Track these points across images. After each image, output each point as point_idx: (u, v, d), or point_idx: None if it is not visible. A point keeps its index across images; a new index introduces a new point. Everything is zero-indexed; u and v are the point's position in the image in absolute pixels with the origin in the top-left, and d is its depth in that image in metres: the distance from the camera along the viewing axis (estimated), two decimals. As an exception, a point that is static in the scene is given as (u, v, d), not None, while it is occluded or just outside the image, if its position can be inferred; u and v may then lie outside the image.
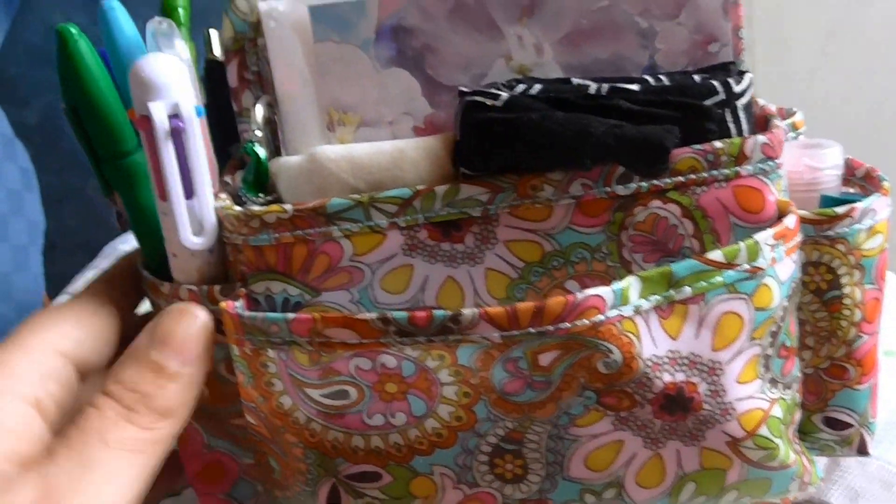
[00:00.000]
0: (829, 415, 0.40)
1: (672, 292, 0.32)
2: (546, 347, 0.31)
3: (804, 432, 0.40)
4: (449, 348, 0.32)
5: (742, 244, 0.32)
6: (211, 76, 0.41)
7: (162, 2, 0.46)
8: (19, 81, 1.01)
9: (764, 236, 0.33)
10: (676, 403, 0.33)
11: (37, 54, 1.00)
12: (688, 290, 0.32)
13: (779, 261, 0.33)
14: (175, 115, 0.30)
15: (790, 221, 0.33)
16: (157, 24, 0.35)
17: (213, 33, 0.44)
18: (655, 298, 0.32)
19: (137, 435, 0.29)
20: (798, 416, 0.37)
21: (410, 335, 0.32)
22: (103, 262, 0.84)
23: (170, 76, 0.30)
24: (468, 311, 0.31)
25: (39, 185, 0.89)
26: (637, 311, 0.31)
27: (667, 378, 0.32)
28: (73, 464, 0.28)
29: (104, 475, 0.28)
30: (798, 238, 0.34)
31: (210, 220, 0.34)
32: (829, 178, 0.41)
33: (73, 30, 0.31)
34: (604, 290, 0.31)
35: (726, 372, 0.33)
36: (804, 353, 0.38)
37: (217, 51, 0.44)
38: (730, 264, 0.32)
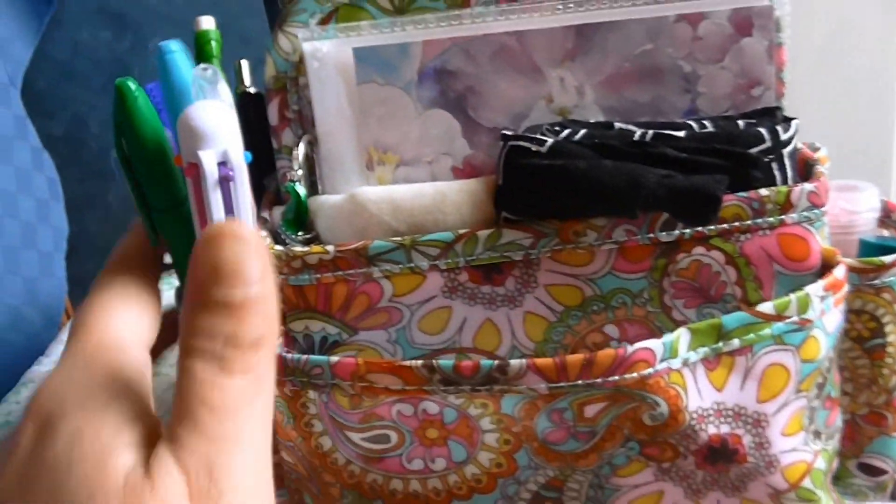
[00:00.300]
0: (864, 461, 0.40)
1: (721, 344, 0.32)
2: (593, 399, 0.31)
3: (837, 477, 0.40)
4: (493, 397, 0.31)
5: (793, 296, 0.32)
6: (243, 108, 0.41)
7: (195, 35, 0.46)
8: (47, 95, 1.02)
9: (815, 288, 0.32)
10: (720, 455, 0.32)
11: (63, 69, 1.01)
12: (736, 343, 0.32)
13: (827, 312, 0.33)
14: (223, 163, 0.30)
15: (840, 273, 0.33)
16: (201, 70, 0.35)
17: (245, 64, 0.44)
18: (704, 350, 0.32)
19: (245, 383, 0.27)
20: (836, 464, 0.37)
21: (455, 384, 0.32)
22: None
23: (219, 124, 0.30)
24: (515, 363, 0.31)
25: (63, 194, 0.90)
26: (685, 363, 0.31)
27: (711, 430, 0.32)
28: (208, 441, 0.26)
29: (242, 442, 0.26)
30: (846, 289, 0.34)
31: None
32: (866, 221, 0.40)
33: (132, 84, 0.31)
34: (654, 343, 0.30)
35: (771, 424, 0.33)
36: (842, 399, 0.38)
37: (247, 81, 0.44)
38: (780, 316, 0.32)
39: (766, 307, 0.32)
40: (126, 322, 0.30)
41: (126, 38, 1.06)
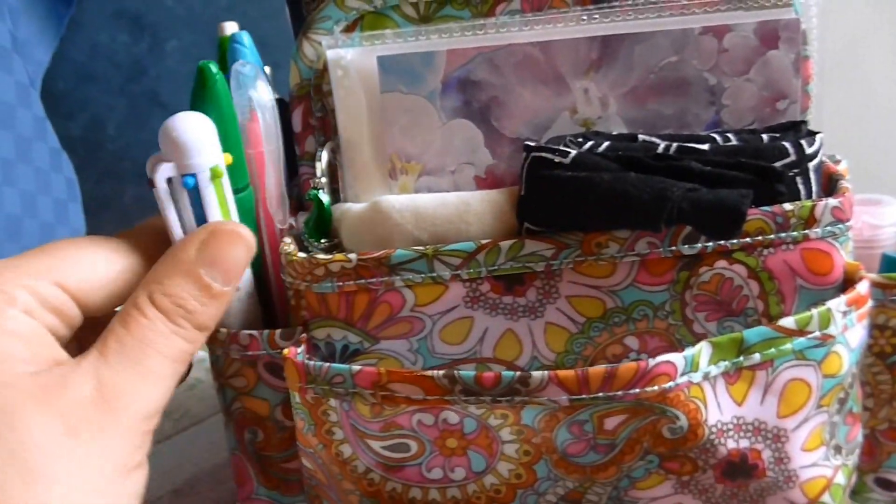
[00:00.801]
0: (882, 476, 0.39)
1: (742, 359, 0.32)
2: (613, 412, 0.31)
3: (855, 492, 0.40)
4: (513, 409, 0.31)
5: (815, 311, 0.32)
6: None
7: (219, 40, 0.47)
8: (65, 96, 1.02)
9: (837, 303, 0.32)
10: (739, 470, 0.32)
11: (82, 71, 1.02)
12: (757, 357, 0.32)
13: (850, 327, 0.33)
14: (192, 175, 0.32)
15: (863, 288, 0.33)
16: (240, 66, 0.35)
17: (267, 69, 0.44)
18: (724, 364, 0.32)
19: (183, 347, 0.32)
20: (854, 479, 0.37)
21: (476, 394, 0.32)
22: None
23: (198, 137, 0.32)
24: (537, 374, 0.31)
25: (81, 194, 0.90)
26: (706, 377, 0.31)
27: (731, 445, 0.32)
28: (127, 367, 0.30)
29: (155, 381, 0.31)
30: (870, 304, 0.34)
31: None
32: (889, 235, 0.40)
33: (214, 67, 0.34)
34: (675, 357, 0.30)
35: (791, 439, 0.32)
36: (862, 415, 0.38)
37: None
38: (801, 331, 0.32)
39: (788, 322, 0.32)
40: (69, 263, 0.33)
41: (143, 40, 1.06)
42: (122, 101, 1.09)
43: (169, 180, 0.33)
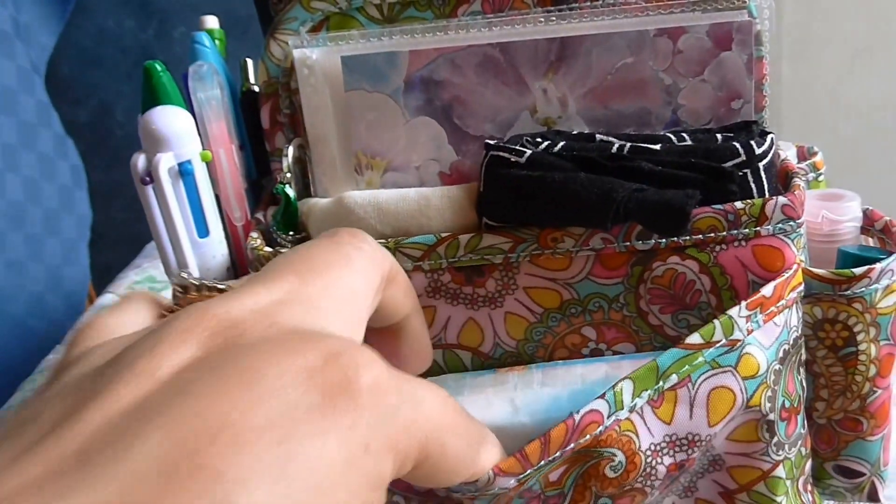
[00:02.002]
0: (841, 463, 0.40)
1: (661, 384, 0.32)
2: (554, 468, 0.32)
3: (817, 478, 0.41)
4: (467, 498, 0.31)
5: (716, 322, 0.33)
6: (248, 105, 0.42)
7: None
8: (72, 82, 1.04)
9: (737, 310, 0.33)
10: (676, 478, 0.33)
11: (89, 56, 1.03)
12: (674, 378, 0.32)
13: (757, 329, 0.33)
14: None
15: (767, 290, 0.34)
16: (197, 66, 0.36)
17: (250, 63, 0.46)
18: (647, 394, 0.32)
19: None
20: (808, 466, 0.38)
21: (423, 496, 0.32)
22: (144, 261, 0.87)
23: (175, 130, 0.34)
24: (484, 477, 0.29)
25: (89, 182, 0.92)
26: (632, 409, 0.32)
27: (668, 461, 0.33)
28: None
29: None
30: (783, 302, 0.34)
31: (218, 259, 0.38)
32: (848, 230, 0.41)
33: (158, 66, 0.35)
34: (599, 404, 0.31)
35: (718, 435, 0.33)
36: (818, 405, 0.39)
37: (252, 79, 0.45)
38: (709, 343, 0.33)
39: (694, 338, 0.32)
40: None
41: (151, 25, 1.08)
42: (130, 87, 1.10)
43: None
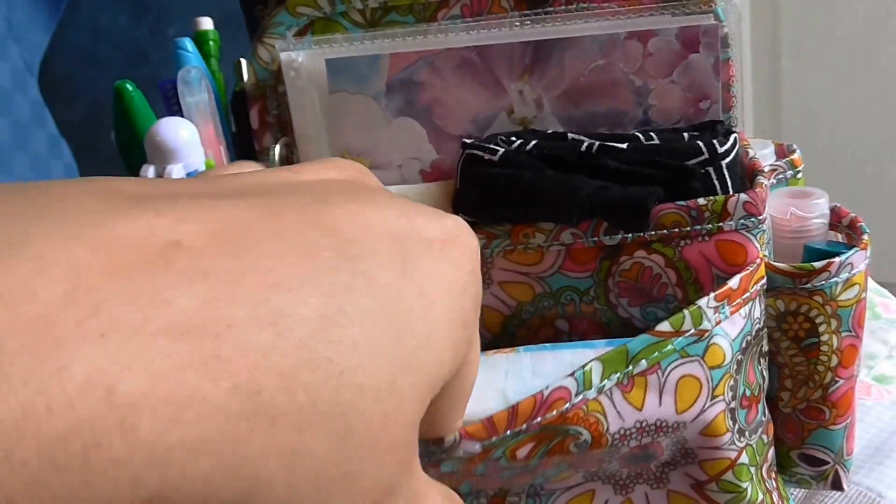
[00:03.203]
0: (805, 452, 0.42)
1: (631, 367, 0.34)
2: (521, 443, 0.33)
3: (783, 466, 0.43)
4: (432, 465, 0.32)
5: (686, 311, 0.34)
6: (240, 104, 0.44)
7: (195, 34, 0.49)
8: (66, 81, 1.05)
9: (706, 301, 0.34)
10: (640, 457, 0.35)
11: (83, 55, 1.04)
12: (644, 363, 0.34)
13: (724, 320, 0.35)
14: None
15: (734, 283, 0.35)
16: (185, 72, 0.38)
17: (244, 62, 0.47)
18: (616, 376, 0.33)
19: None
20: (771, 453, 0.40)
21: None
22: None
23: (180, 142, 0.35)
24: (450, 437, 0.31)
25: (82, 181, 0.93)
26: (600, 391, 0.33)
27: (633, 444, 0.34)
28: None
29: None
30: (747, 294, 0.36)
31: None
32: (816, 226, 0.42)
33: (130, 86, 0.36)
34: (567, 381, 0.32)
35: (689, 428, 0.35)
36: (783, 394, 0.41)
37: (246, 79, 0.47)
38: (678, 332, 0.34)
39: (664, 326, 0.34)
40: None
41: (145, 23, 1.09)
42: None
43: None
